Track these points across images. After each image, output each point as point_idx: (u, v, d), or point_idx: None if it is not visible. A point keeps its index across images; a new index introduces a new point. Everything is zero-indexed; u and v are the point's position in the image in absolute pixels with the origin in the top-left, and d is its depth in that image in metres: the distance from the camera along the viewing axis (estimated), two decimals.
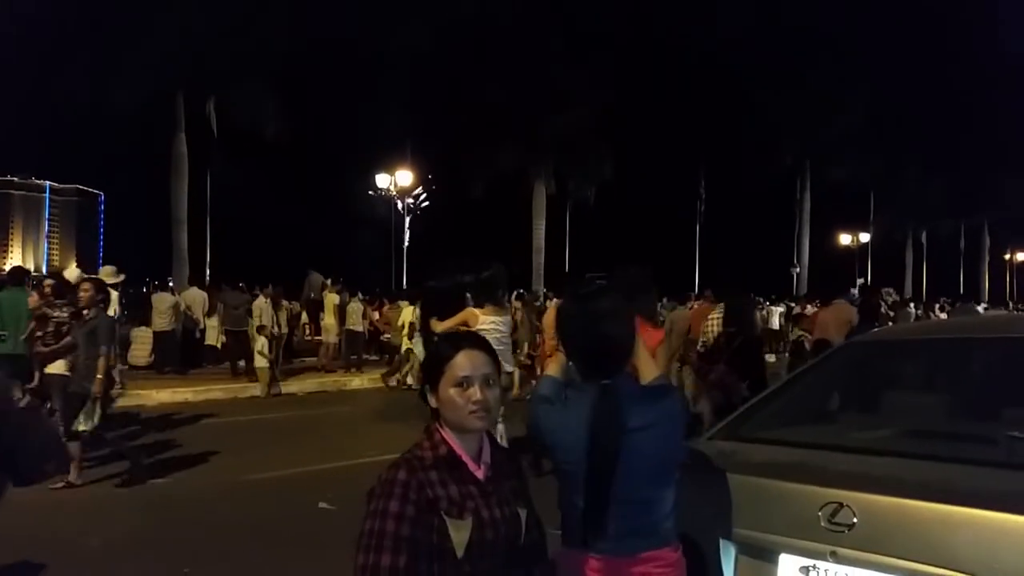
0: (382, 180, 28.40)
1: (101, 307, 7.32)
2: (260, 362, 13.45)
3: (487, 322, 5.36)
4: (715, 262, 38.01)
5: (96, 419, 6.92)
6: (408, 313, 14.33)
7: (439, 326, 4.52)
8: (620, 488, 2.09)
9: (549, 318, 4.59)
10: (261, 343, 13.37)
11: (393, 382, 15.04)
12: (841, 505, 2.40)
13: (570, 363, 2.33)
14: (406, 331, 14.31)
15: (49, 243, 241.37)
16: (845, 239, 41.08)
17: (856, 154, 31.99)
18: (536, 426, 2.23)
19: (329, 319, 16.33)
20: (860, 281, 40.01)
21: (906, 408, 3.32)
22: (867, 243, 41.70)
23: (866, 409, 3.44)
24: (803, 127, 30.98)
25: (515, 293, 19.99)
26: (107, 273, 11.09)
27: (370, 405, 12.93)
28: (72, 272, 11.29)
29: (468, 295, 4.97)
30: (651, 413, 2.14)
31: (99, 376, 6.93)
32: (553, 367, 2.43)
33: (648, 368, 2.31)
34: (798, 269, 35.14)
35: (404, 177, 28.27)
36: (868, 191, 39.24)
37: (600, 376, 2.18)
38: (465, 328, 4.35)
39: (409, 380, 14.29)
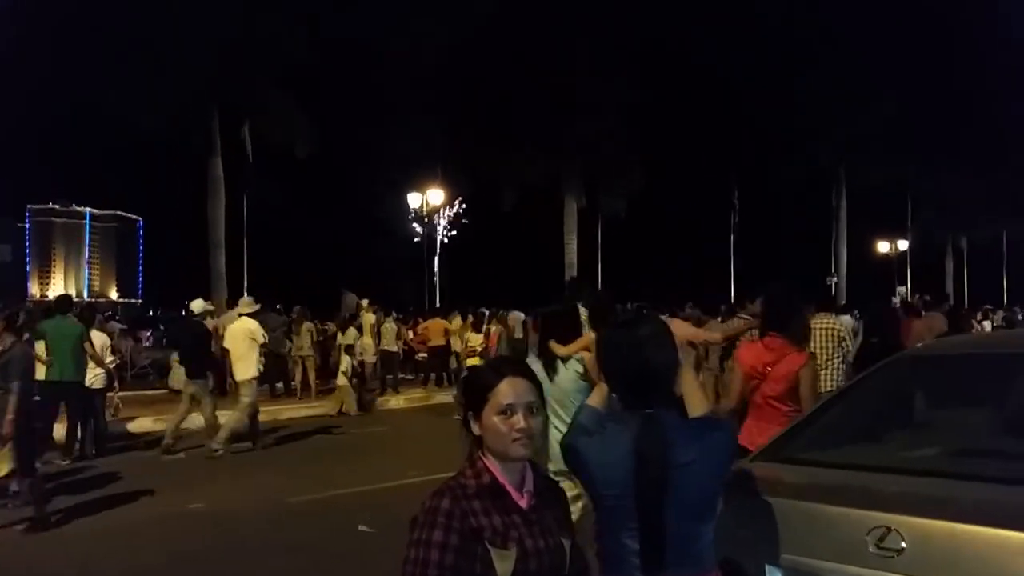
0: (413, 199, 28.60)
1: (16, 339, 6.54)
2: (342, 380, 14.03)
3: None
4: (750, 273, 37.64)
5: (9, 464, 6.22)
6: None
7: (561, 350, 4.53)
8: (663, 521, 2.06)
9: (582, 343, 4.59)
10: (346, 363, 14.04)
11: None
12: (889, 529, 2.35)
13: (613, 394, 2.31)
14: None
15: (90, 269, 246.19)
16: (883, 247, 40.43)
17: (893, 159, 31.50)
18: (575, 458, 2.20)
19: (366, 339, 16.44)
20: (901, 289, 39.37)
21: (954, 426, 3.25)
22: (905, 250, 40.99)
23: (912, 427, 3.37)
24: (837, 132, 30.58)
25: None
26: (245, 304, 11.35)
27: (408, 425, 12.98)
28: (198, 304, 11.64)
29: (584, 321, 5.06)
30: (697, 447, 2.10)
31: (9, 417, 6.10)
32: (595, 397, 2.41)
33: (696, 400, 2.29)
34: (836, 279, 34.59)
35: (435, 196, 28.45)
36: (905, 197, 38.62)
37: (642, 405, 2.15)
38: (587, 352, 4.40)
39: None
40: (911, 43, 29.32)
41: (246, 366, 10.46)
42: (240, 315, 11.00)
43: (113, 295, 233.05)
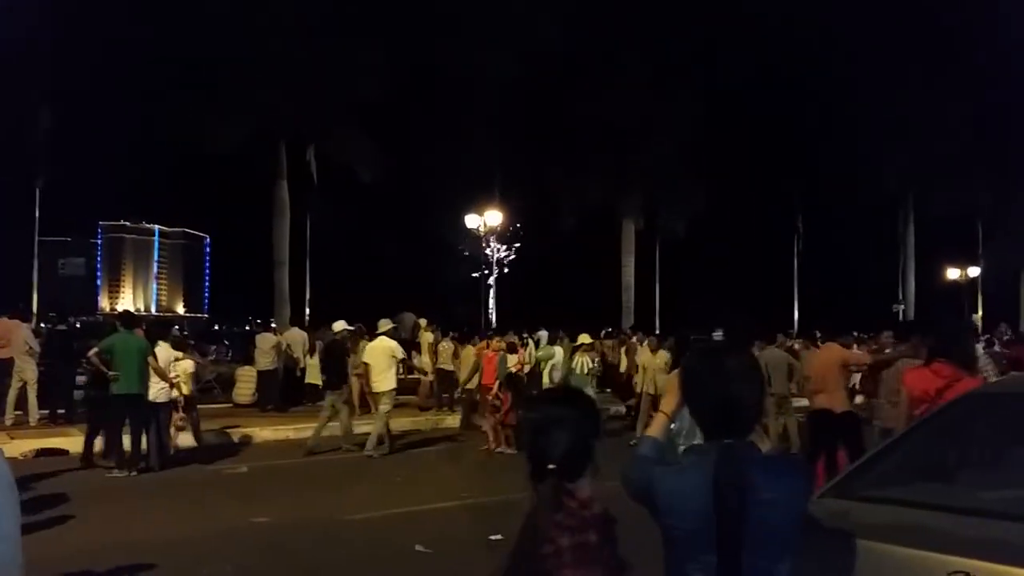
0: (472, 220, 28.82)
1: None
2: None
3: None
4: (815, 299, 36.83)
5: None
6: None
7: None
8: (740, 555, 2.01)
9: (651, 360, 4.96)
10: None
11: None
12: (967, 574, 2.27)
13: (672, 426, 2.29)
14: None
15: (158, 284, 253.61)
16: (952, 273, 39.18)
17: (962, 185, 30.63)
18: (648, 488, 2.18)
19: (425, 358, 16.56)
20: (975, 317, 38.02)
21: None
22: (976, 277, 39.64)
23: (989, 466, 3.25)
24: (905, 158, 29.91)
25: (603, 332, 19.84)
26: (383, 324, 12.40)
27: (464, 445, 12.98)
28: (339, 324, 13.02)
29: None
30: (778, 485, 2.07)
31: None
32: (656, 428, 2.39)
33: (766, 439, 2.25)
34: (903, 306, 33.64)
35: (493, 217, 28.62)
36: (976, 221, 37.43)
37: (723, 435, 2.12)
38: None
39: None
40: (979, 70, 28.62)
41: (385, 379, 11.63)
42: (379, 334, 12.16)
43: (180, 310, 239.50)
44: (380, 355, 11.67)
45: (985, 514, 2.70)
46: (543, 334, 16.02)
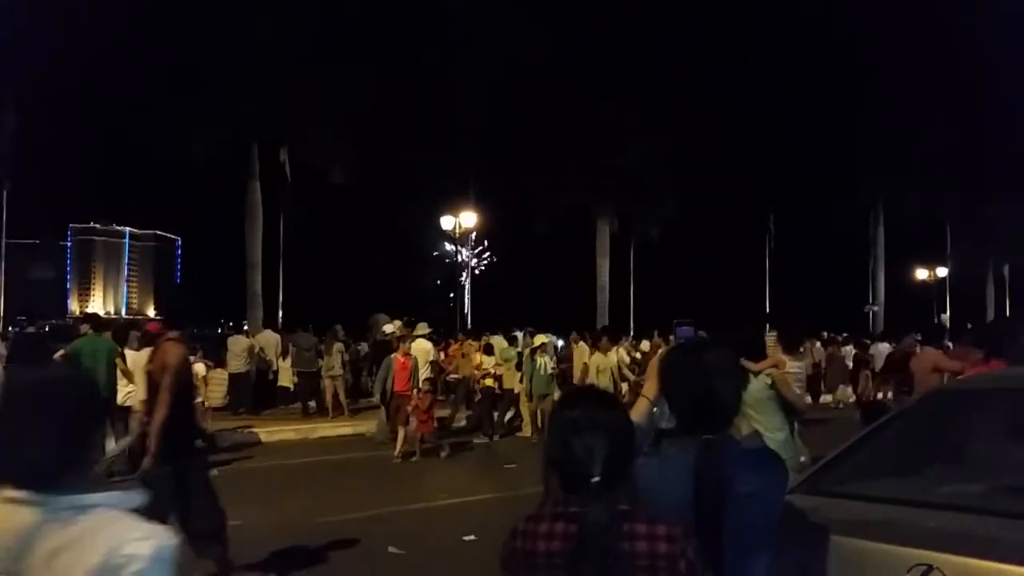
0: (446, 222, 28.76)
1: None
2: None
3: (793, 366, 6.38)
4: (786, 302, 37.20)
5: None
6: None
7: (752, 367, 5.58)
8: (719, 549, 2.01)
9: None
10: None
11: None
12: (931, 567, 2.29)
13: (655, 410, 2.30)
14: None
15: (128, 287, 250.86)
16: (921, 274, 39.78)
17: (931, 188, 31.11)
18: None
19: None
20: (943, 317, 38.60)
21: (998, 462, 3.17)
22: (944, 278, 40.27)
23: (955, 462, 3.30)
24: (875, 162, 30.33)
25: (571, 334, 19.91)
26: (421, 328, 13.59)
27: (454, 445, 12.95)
28: (388, 327, 14.25)
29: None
30: (756, 479, 2.08)
31: None
32: (637, 413, 2.36)
33: (743, 425, 2.27)
34: (876, 308, 34.01)
35: (468, 219, 28.59)
36: (945, 223, 38.04)
37: (702, 430, 2.13)
38: (775, 369, 5.63)
39: None
40: (949, 75, 29.08)
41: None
42: (417, 336, 13.18)
43: (151, 312, 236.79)
44: (420, 355, 12.48)
45: (949, 508, 2.73)
46: (519, 335, 16.09)
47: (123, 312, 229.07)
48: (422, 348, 12.74)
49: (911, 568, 2.32)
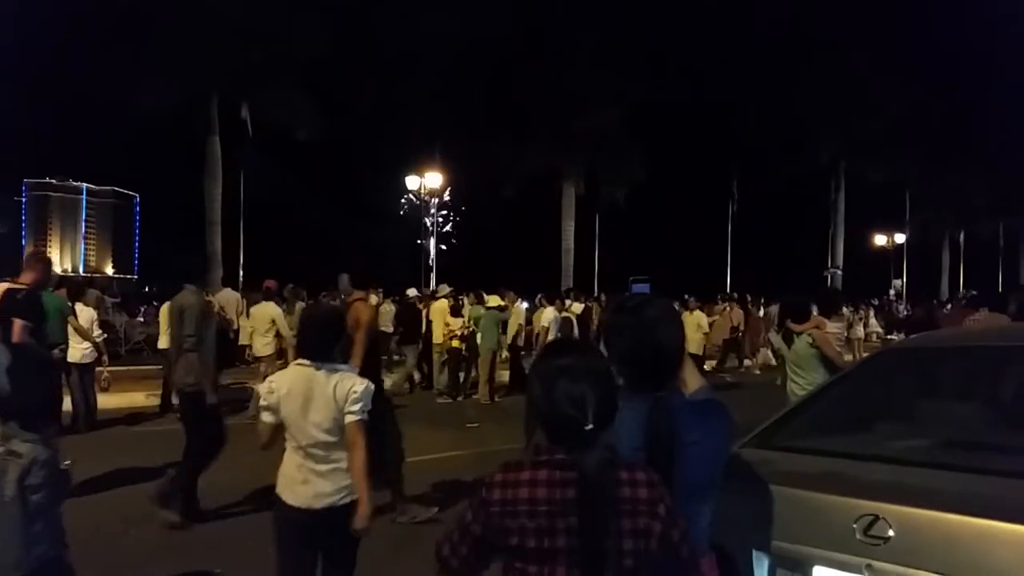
0: (412, 182, 28.51)
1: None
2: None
3: (833, 327, 6.91)
4: (747, 264, 37.65)
5: None
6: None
7: (796, 327, 6.17)
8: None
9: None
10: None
11: None
12: (877, 517, 2.37)
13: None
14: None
15: (86, 244, 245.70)
16: (880, 240, 40.45)
17: (892, 152, 31.50)
18: None
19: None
20: (896, 283, 39.39)
21: (943, 418, 3.26)
22: (903, 244, 41.01)
23: (902, 418, 3.38)
24: (837, 129, 30.58)
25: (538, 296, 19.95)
26: (443, 289, 14.95)
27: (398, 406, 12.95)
28: (412, 291, 15.46)
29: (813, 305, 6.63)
30: (703, 428, 2.11)
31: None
32: None
33: (693, 378, 2.29)
34: (836, 271, 34.54)
35: (433, 179, 28.34)
36: (904, 190, 38.63)
37: (650, 387, 2.14)
38: (815, 329, 6.06)
39: None
40: (911, 43, 29.33)
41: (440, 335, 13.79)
42: (438, 297, 14.56)
43: (109, 271, 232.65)
44: (439, 314, 13.85)
45: (896, 462, 2.82)
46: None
47: (80, 270, 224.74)
48: (442, 307, 13.90)
49: (858, 518, 2.38)
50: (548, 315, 13.63)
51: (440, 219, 32.14)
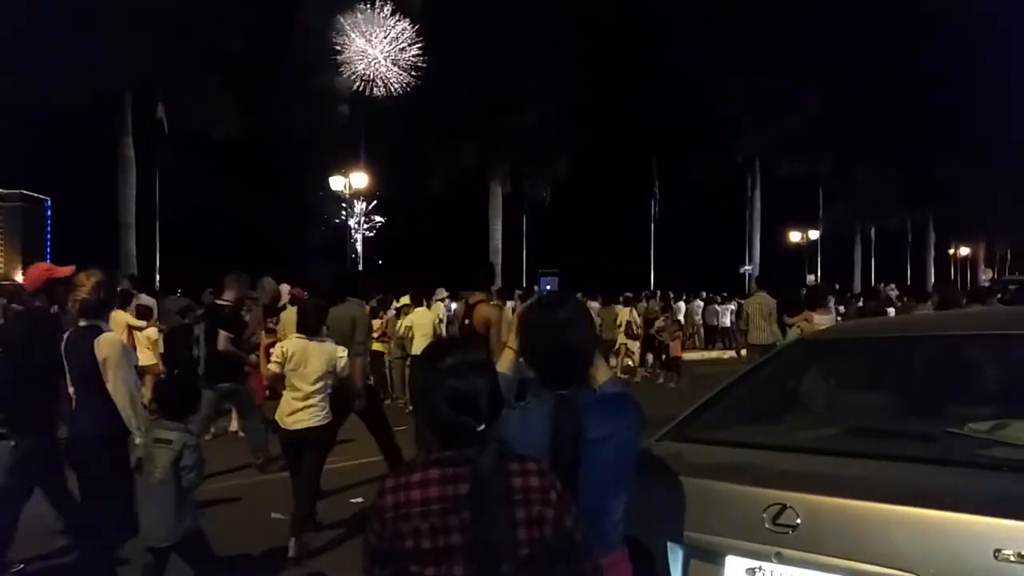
0: (336, 182, 28.04)
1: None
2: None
3: (822, 321, 7.29)
4: (669, 260, 38.26)
5: None
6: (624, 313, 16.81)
7: (789, 320, 6.95)
8: (575, 496, 2.07)
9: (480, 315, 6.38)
10: None
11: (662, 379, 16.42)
12: (784, 506, 2.42)
13: (520, 360, 2.32)
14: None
15: None
16: (795, 236, 41.64)
17: (805, 150, 32.50)
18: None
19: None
20: (810, 277, 40.65)
21: (850, 407, 3.37)
22: (816, 240, 42.33)
23: (811, 408, 3.49)
24: (753, 124, 31.40)
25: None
26: (438, 293, 15.06)
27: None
28: (440, 291, 15.39)
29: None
30: (610, 424, 2.14)
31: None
32: (504, 364, 2.38)
33: (601, 372, 2.32)
34: (750, 269, 35.43)
35: (359, 179, 27.94)
36: (817, 187, 39.88)
37: (560, 384, 2.17)
38: (806, 323, 6.73)
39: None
40: (824, 42, 30.31)
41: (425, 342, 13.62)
42: (437, 300, 14.64)
43: (19, 278, 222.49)
44: (427, 320, 13.43)
45: (803, 451, 2.90)
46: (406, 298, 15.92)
47: None
48: (433, 313, 13.93)
49: (767, 507, 2.44)
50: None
51: (366, 220, 31.68)
